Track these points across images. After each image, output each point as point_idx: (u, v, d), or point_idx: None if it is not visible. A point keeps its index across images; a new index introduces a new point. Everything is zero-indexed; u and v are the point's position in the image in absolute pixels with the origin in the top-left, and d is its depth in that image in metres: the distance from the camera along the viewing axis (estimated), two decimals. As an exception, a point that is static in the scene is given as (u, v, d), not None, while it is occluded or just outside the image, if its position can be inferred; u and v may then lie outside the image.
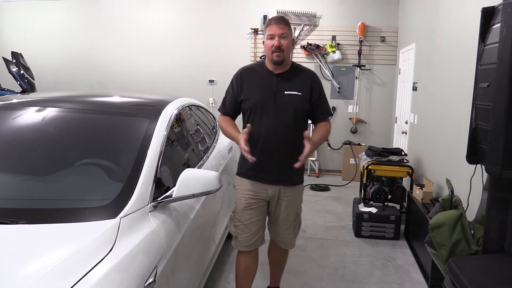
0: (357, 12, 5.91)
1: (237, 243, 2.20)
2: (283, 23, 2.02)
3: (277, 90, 2.05)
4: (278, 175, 2.11)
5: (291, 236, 2.28)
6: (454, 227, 2.16)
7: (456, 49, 3.19)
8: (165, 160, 1.92)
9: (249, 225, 2.15)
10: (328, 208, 4.53)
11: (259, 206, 2.15)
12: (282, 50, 2.00)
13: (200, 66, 6.36)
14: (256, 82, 2.10)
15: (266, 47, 2.04)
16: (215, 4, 6.20)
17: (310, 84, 2.11)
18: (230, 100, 2.15)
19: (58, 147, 1.94)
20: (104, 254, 1.30)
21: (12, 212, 1.52)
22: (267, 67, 2.11)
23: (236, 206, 2.18)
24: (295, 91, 2.06)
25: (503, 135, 1.57)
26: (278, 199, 2.16)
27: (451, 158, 3.18)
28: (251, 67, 2.18)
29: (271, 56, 2.03)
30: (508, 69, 1.53)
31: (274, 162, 2.08)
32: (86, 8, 6.61)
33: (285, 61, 2.06)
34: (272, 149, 2.06)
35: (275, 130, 2.04)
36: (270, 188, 2.13)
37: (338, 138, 6.16)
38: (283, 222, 2.21)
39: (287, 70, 2.11)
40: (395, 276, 2.94)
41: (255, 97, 2.07)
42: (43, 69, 6.64)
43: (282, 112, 2.05)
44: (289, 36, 2.03)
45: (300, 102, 2.07)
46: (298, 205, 2.27)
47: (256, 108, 2.06)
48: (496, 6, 1.69)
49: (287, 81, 2.08)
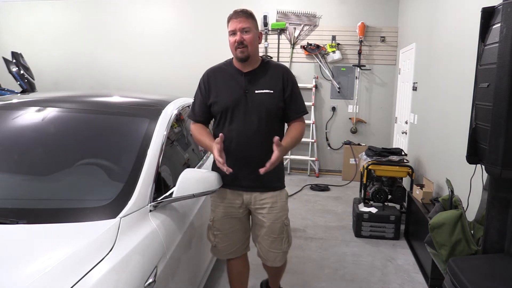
0: (357, 12, 5.91)
1: (217, 252, 2.10)
2: (244, 16, 1.88)
3: (247, 90, 1.91)
4: (254, 181, 1.94)
5: (278, 251, 2.04)
6: (454, 227, 2.16)
7: (456, 49, 3.19)
8: (165, 160, 1.92)
9: (230, 234, 2.05)
10: (328, 208, 4.53)
11: (238, 215, 2.04)
12: (245, 45, 1.85)
13: (200, 67, 6.30)
14: (224, 83, 1.95)
15: (230, 44, 1.90)
16: (214, 4, 6.20)
17: (282, 81, 1.95)
18: (199, 105, 2.00)
19: (58, 147, 1.94)
20: (104, 254, 1.30)
21: (12, 212, 1.52)
22: (235, 66, 1.96)
23: (214, 214, 2.05)
24: (266, 89, 1.91)
25: (503, 135, 1.57)
26: (257, 208, 2.00)
27: (451, 158, 3.18)
28: (218, 67, 2.02)
29: (235, 52, 1.89)
30: (508, 69, 1.53)
31: (249, 167, 1.90)
32: (87, 8, 6.61)
33: (252, 57, 1.90)
34: (246, 154, 1.91)
35: (248, 133, 1.90)
36: (245, 195, 1.99)
37: (338, 138, 6.17)
38: (267, 234, 2.02)
39: (256, 68, 1.95)
40: (395, 276, 2.94)
41: (224, 100, 1.92)
42: (43, 69, 6.64)
43: (254, 113, 1.90)
44: (252, 30, 1.89)
45: (273, 101, 1.92)
46: (283, 214, 2.02)
47: (226, 111, 1.92)
48: (496, 6, 1.69)
49: (257, 80, 1.93)
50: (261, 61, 1.99)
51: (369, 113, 6.11)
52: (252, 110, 1.90)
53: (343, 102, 6.12)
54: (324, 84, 6.12)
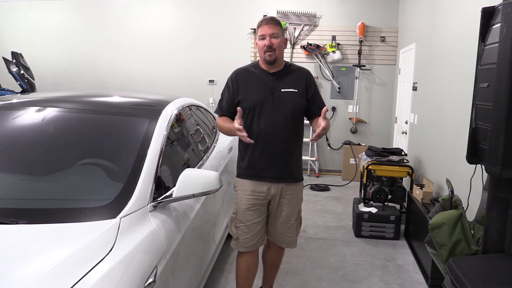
0: (357, 12, 5.91)
1: (238, 244, 2.20)
2: (273, 23, 2.07)
3: (273, 88, 2.10)
4: (280, 173, 2.13)
5: (294, 235, 2.28)
6: (454, 227, 2.16)
7: (456, 49, 3.19)
8: (165, 160, 1.92)
9: (251, 226, 2.15)
10: (328, 208, 4.53)
11: (260, 206, 2.16)
12: (273, 49, 2.05)
13: (200, 66, 6.36)
14: (252, 82, 2.13)
15: (259, 47, 2.10)
16: (215, 4, 6.21)
17: (305, 81, 2.15)
18: (227, 101, 2.17)
19: (58, 147, 1.94)
20: (104, 254, 1.30)
21: (12, 212, 1.52)
22: (261, 67, 2.15)
23: (237, 207, 2.18)
24: (291, 88, 2.11)
25: (503, 135, 1.57)
26: (280, 198, 2.17)
27: (451, 158, 3.18)
28: (245, 68, 2.21)
29: (263, 55, 2.08)
30: (508, 69, 1.54)
31: (275, 159, 2.11)
32: (87, 8, 6.61)
33: (278, 60, 2.10)
34: (272, 147, 2.09)
35: (274, 127, 2.07)
36: (272, 186, 2.14)
37: (338, 138, 6.17)
38: (285, 221, 2.21)
39: (281, 69, 2.15)
40: (395, 276, 2.95)
41: (253, 97, 2.10)
42: (43, 69, 6.64)
43: (280, 109, 2.08)
44: (280, 36, 2.08)
45: (297, 99, 2.11)
46: (299, 203, 2.28)
47: (255, 107, 2.09)
48: (496, 6, 1.69)
49: (282, 79, 2.12)
50: (285, 64, 2.17)
51: (369, 113, 6.11)
52: (279, 106, 2.08)
53: (343, 102, 6.13)
54: (324, 84, 6.12)
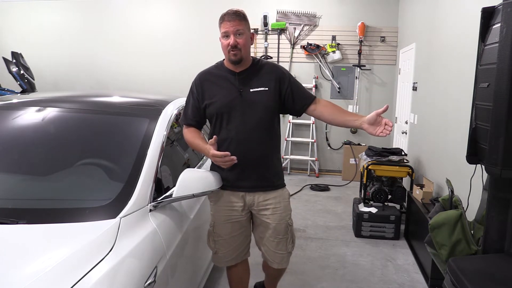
0: (357, 12, 5.91)
1: (218, 260, 2.06)
2: (237, 18, 1.82)
3: (241, 89, 1.90)
4: (257, 181, 1.94)
5: (284, 252, 2.03)
6: (454, 227, 2.16)
7: (456, 49, 3.19)
8: (165, 160, 1.92)
9: (230, 240, 2.01)
10: (328, 208, 4.53)
11: (240, 219, 1.99)
12: (239, 48, 1.83)
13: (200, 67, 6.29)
14: (218, 84, 1.94)
15: (222, 46, 1.87)
16: (215, 4, 6.20)
17: (275, 77, 1.94)
18: (192, 109, 1.98)
19: (58, 147, 1.94)
20: (104, 254, 1.30)
21: (12, 212, 1.52)
22: (227, 67, 1.95)
23: (214, 219, 2.02)
24: (261, 87, 1.91)
25: (503, 135, 1.57)
26: (261, 209, 1.97)
27: (451, 158, 3.18)
28: (209, 70, 2.02)
29: (228, 55, 1.87)
30: (508, 69, 1.53)
31: (250, 166, 1.91)
32: (87, 9, 6.61)
33: (244, 59, 1.89)
34: (246, 153, 1.87)
35: (246, 131, 1.89)
36: (247, 196, 1.95)
37: (338, 138, 6.17)
38: (272, 235, 2.00)
39: (248, 67, 1.94)
40: (395, 276, 2.94)
41: (220, 100, 1.90)
42: (43, 69, 6.64)
43: (251, 111, 1.89)
44: (245, 32, 1.86)
45: (269, 98, 1.91)
46: (287, 215, 2.01)
47: (223, 111, 1.90)
48: (496, 6, 1.69)
49: (251, 79, 1.92)
50: (252, 60, 1.97)
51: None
52: (249, 108, 1.90)
53: (343, 102, 6.12)
54: (324, 84, 6.12)
